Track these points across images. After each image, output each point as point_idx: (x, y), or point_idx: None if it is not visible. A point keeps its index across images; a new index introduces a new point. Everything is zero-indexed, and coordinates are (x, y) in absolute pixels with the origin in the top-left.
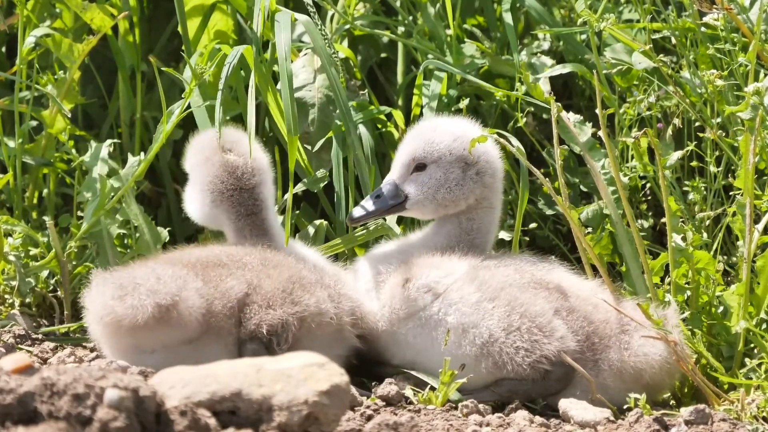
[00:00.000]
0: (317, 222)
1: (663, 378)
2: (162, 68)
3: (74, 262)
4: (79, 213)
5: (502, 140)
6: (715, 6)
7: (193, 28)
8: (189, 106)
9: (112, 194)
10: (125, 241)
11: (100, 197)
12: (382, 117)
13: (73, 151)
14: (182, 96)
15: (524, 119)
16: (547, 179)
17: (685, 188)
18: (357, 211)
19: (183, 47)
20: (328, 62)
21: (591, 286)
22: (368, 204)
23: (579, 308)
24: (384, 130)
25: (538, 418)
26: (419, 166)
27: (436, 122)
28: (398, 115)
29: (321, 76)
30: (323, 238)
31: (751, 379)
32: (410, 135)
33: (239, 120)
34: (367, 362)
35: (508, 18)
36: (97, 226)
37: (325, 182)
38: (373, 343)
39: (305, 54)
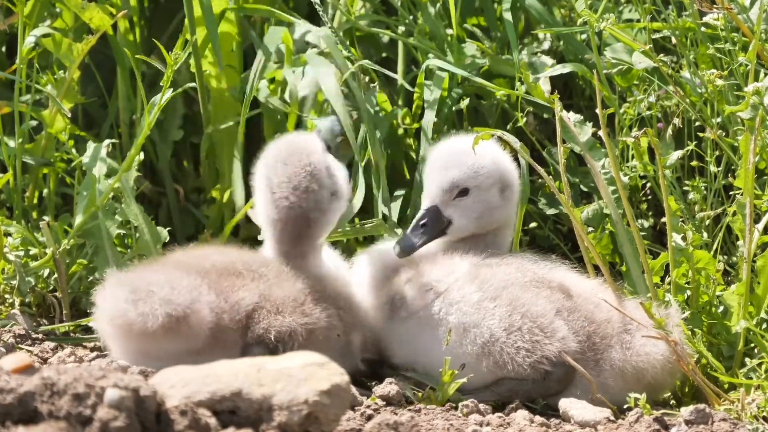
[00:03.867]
0: None
1: (665, 378)
2: (151, 62)
3: (68, 261)
4: None
5: (505, 139)
6: (715, 6)
7: (201, 35)
8: (201, 99)
9: (111, 192)
10: (125, 241)
11: (90, 194)
12: (395, 120)
13: (73, 150)
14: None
15: (524, 119)
16: (549, 177)
17: (685, 188)
18: (404, 243)
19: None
20: (342, 66)
21: (592, 285)
22: (416, 235)
23: (581, 308)
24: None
25: (538, 418)
26: (462, 192)
27: (469, 145)
28: (406, 114)
29: None
30: None
31: (751, 378)
32: (444, 158)
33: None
34: (368, 361)
35: (508, 18)
36: (90, 223)
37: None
38: (373, 342)
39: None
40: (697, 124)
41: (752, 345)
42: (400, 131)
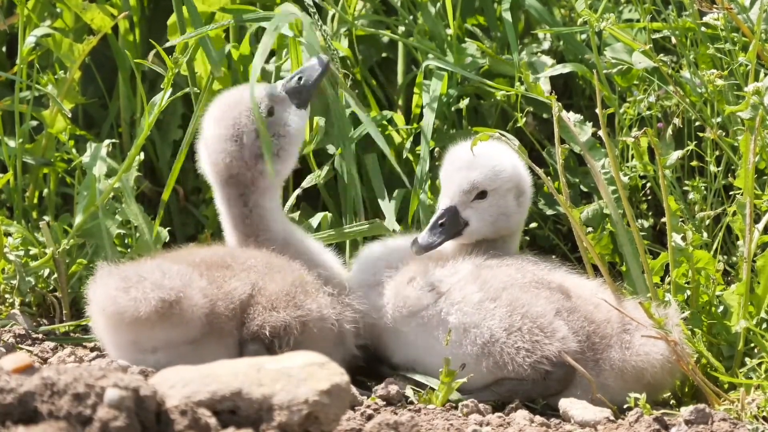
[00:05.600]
0: (320, 214)
1: (664, 377)
2: (149, 64)
3: (68, 261)
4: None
5: (504, 139)
6: (715, 6)
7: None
8: (202, 101)
9: (111, 192)
10: (125, 241)
11: (90, 194)
12: (385, 123)
13: (74, 150)
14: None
15: (524, 119)
16: (548, 178)
17: (685, 188)
18: (423, 241)
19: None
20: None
21: (592, 286)
22: (434, 234)
23: (580, 308)
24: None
25: (538, 418)
26: (481, 194)
27: (493, 150)
28: (399, 119)
29: None
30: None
31: (751, 378)
32: (465, 159)
33: None
34: (368, 361)
35: (507, 17)
36: (90, 223)
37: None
38: (374, 340)
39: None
40: (697, 124)
41: (752, 345)
42: (392, 132)
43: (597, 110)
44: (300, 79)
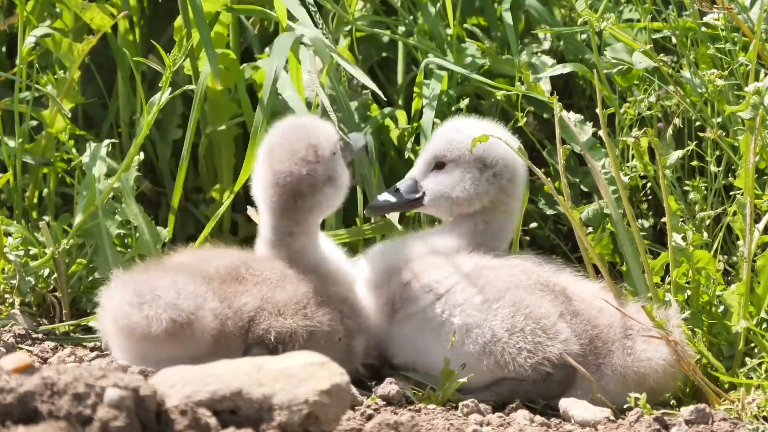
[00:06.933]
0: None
1: (667, 382)
2: (151, 63)
3: (68, 261)
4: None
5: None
6: (715, 5)
7: (196, 37)
8: (203, 103)
9: (110, 192)
10: (125, 241)
11: (90, 194)
12: (388, 121)
13: (74, 150)
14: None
15: (524, 119)
16: (548, 179)
17: (686, 188)
18: (376, 203)
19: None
20: (334, 76)
21: (595, 289)
22: (388, 197)
23: (583, 312)
24: (386, 128)
25: (538, 418)
26: (439, 164)
27: (461, 123)
28: (401, 115)
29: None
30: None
31: (751, 378)
32: (435, 133)
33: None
34: (368, 366)
35: (508, 17)
36: (90, 222)
37: None
38: (375, 347)
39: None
40: (698, 124)
41: (752, 345)
42: (395, 133)
43: (597, 110)
44: (346, 144)
